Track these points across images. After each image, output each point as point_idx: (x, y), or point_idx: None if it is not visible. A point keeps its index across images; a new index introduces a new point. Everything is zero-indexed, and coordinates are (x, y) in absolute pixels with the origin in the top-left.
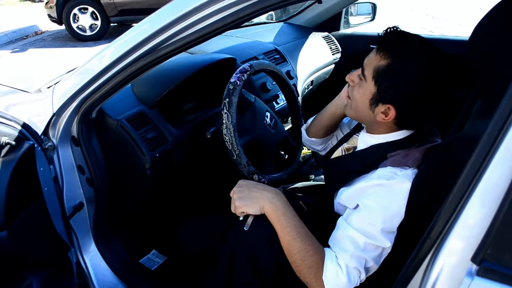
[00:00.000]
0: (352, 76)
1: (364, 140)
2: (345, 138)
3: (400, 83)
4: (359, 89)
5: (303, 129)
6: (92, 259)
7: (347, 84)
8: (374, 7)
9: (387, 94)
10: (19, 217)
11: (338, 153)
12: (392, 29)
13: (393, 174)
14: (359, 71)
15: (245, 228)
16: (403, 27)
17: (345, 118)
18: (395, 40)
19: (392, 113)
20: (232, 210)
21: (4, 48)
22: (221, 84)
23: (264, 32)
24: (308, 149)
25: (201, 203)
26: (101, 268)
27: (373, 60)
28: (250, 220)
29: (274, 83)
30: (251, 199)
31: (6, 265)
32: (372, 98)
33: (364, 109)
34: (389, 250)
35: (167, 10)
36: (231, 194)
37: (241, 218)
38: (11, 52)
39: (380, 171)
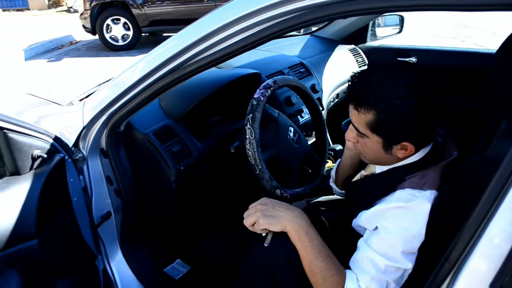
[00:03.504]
0: (350, 136)
1: (381, 167)
2: (362, 165)
3: (400, 122)
4: (365, 144)
5: (332, 184)
6: (119, 267)
7: (347, 133)
8: (401, 19)
9: (395, 136)
10: (49, 227)
11: (356, 179)
12: (354, 80)
13: (412, 196)
14: (353, 128)
15: (265, 244)
16: (434, 36)
17: None
18: (365, 89)
19: (410, 146)
20: (247, 224)
21: (40, 57)
22: (246, 99)
23: (290, 45)
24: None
25: (224, 216)
26: (127, 276)
27: (360, 118)
28: (270, 236)
29: (299, 97)
30: (275, 218)
31: (36, 273)
32: (383, 145)
33: (382, 155)
34: (410, 271)
35: (192, 29)
36: (252, 209)
37: (263, 235)
38: (47, 61)
39: (398, 194)
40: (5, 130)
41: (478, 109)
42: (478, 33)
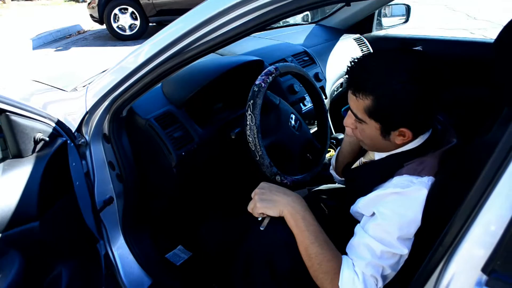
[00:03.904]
0: (348, 122)
1: (380, 154)
2: (362, 153)
3: (398, 108)
4: (364, 130)
5: (332, 171)
6: (120, 252)
7: (346, 119)
8: (408, 8)
9: (393, 122)
10: (51, 209)
11: (356, 165)
12: (353, 65)
13: (409, 182)
14: (351, 114)
15: (261, 228)
16: (443, 29)
17: None
18: (363, 75)
19: (408, 132)
20: (249, 209)
21: (49, 46)
22: (249, 86)
23: (295, 34)
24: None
25: (225, 202)
26: (128, 261)
27: (358, 104)
28: (266, 221)
29: (302, 85)
30: (271, 202)
31: (37, 255)
32: (381, 132)
33: (380, 141)
34: (406, 257)
35: (192, 14)
36: (252, 195)
37: (259, 219)
38: (55, 51)
39: (396, 180)
40: (7, 113)
41: (482, 98)
42: (488, 25)
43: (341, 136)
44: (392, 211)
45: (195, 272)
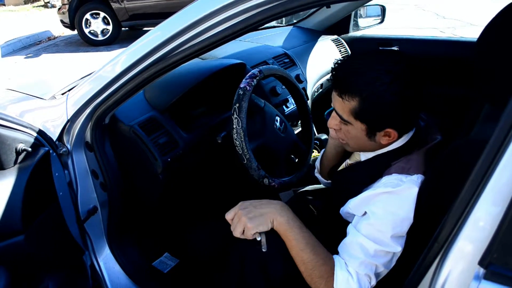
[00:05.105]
0: (333, 124)
1: (366, 155)
2: (347, 155)
3: (383, 110)
4: (349, 131)
5: (317, 174)
6: (106, 262)
7: (330, 121)
8: (383, 9)
9: (379, 123)
10: (35, 222)
11: (342, 167)
12: (337, 67)
13: (399, 181)
14: (336, 116)
15: (263, 250)
16: (414, 28)
17: None
18: (349, 77)
19: (393, 132)
20: (238, 234)
21: (18, 53)
22: (232, 89)
23: (274, 36)
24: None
25: (212, 207)
26: (115, 271)
27: (344, 106)
28: (264, 239)
29: (284, 87)
30: (261, 217)
31: (24, 268)
32: (366, 132)
33: (365, 143)
34: (399, 254)
35: (177, 18)
36: (230, 218)
37: (258, 239)
38: (25, 58)
39: (385, 179)
40: None
41: (459, 96)
42: (457, 23)
43: (324, 136)
44: (385, 210)
45: (183, 279)
